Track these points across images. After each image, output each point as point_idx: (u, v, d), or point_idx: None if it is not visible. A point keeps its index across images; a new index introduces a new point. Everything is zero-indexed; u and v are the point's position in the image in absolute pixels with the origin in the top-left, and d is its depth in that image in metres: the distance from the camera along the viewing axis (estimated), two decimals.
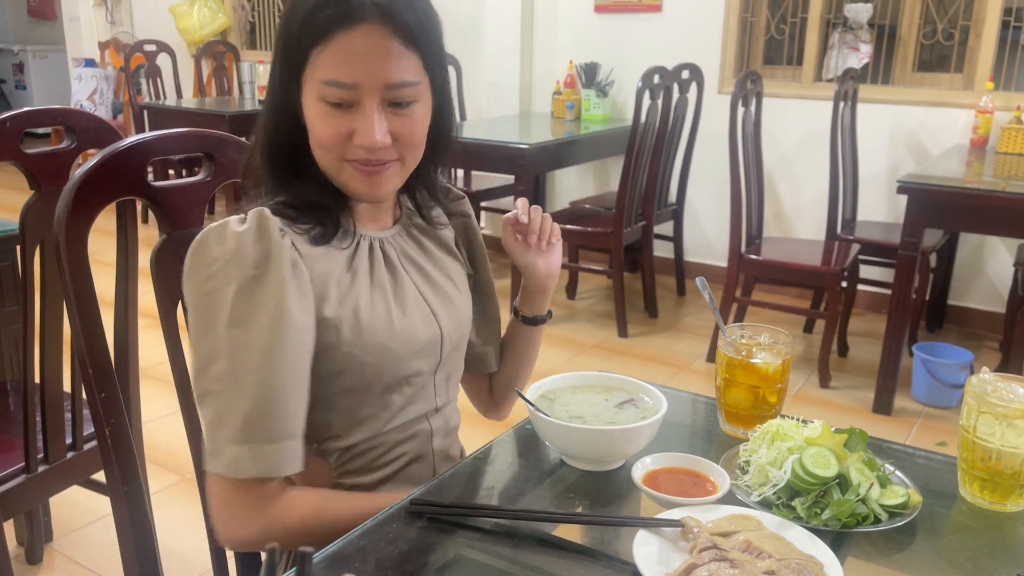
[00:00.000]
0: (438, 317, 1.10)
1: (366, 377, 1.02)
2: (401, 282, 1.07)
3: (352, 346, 1.00)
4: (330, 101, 0.95)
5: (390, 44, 0.94)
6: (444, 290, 1.13)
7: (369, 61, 0.93)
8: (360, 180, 1.00)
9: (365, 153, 0.97)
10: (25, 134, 1.50)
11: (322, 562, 0.85)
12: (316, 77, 0.94)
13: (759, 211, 3.47)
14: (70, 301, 0.98)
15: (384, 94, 0.95)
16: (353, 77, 0.93)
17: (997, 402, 0.96)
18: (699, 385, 3.17)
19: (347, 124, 0.96)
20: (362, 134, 0.95)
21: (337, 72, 0.93)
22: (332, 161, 0.99)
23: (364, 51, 0.93)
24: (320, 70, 0.94)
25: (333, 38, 0.92)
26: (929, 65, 3.99)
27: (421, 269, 1.11)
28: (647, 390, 1.11)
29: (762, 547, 0.81)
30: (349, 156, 0.98)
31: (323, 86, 0.94)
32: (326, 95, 0.94)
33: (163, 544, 1.12)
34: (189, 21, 6.17)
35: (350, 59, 0.93)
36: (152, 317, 1.12)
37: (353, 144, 0.97)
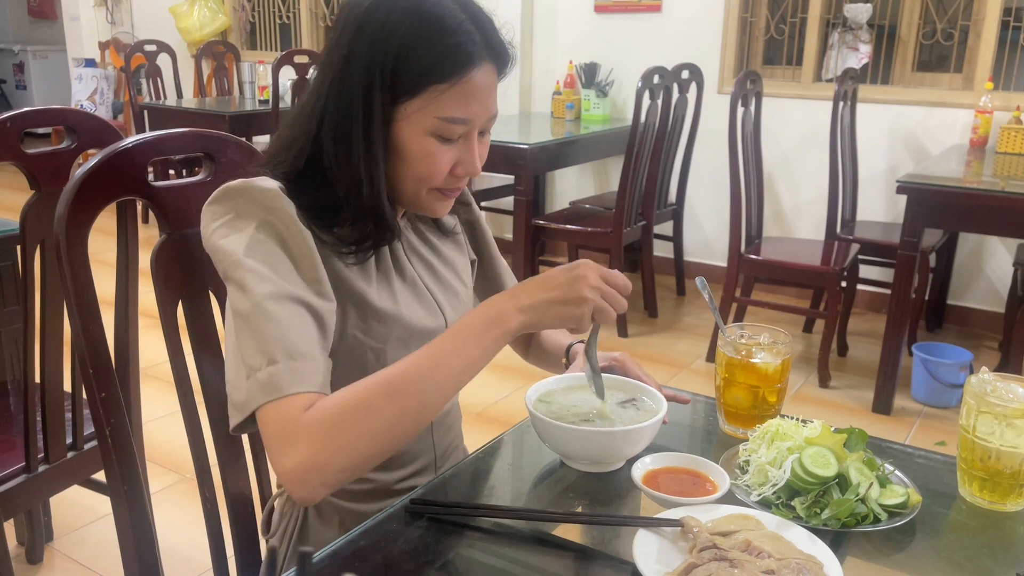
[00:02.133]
0: (442, 307, 1.11)
1: (368, 362, 1.03)
2: (406, 273, 1.09)
3: (356, 329, 1.01)
4: (444, 136, 0.98)
5: (495, 80, 1.00)
6: (448, 281, 1.15)
7: (485, 99, 0.98)
8: (439, 203, 1.04)
9: (458, 182, 1.02)
10: (25, 134, 1.50)
11: (322, 562, 0.85)
12: (434, 113, 0.96)
13: (759, 211, 3.47)
14: (70, 301, 0.98)
15: (482, 125, 1.01)
16: (473, 114, 0.98)
17: (996, 402, 0.96)
18: (699, 385, 3.17)
19: (452, 155, 1.00)
20: (466, 164, 1.00)
21: (459, 110, 0.96)
22: (418, 188, 1.01)
23: (481, 90, 0.97)
24: (441, 107, 0.96)
25: (458, 80, 0.95)
26: (929, 65, 4.00)
27: (426, 261, 1.13)
28: (647, 391, 1.11)
29: (762, 547, 0.81)
30: (439, 185, 1.01)
31: (442, 122, 0.96)
32: (442, 130, 0.97)
33: (163, 544, 1.13)
34: (189, 21, 6.17)
35: (472, 98, 0.97)
36: (152, 317, 1.12)
37: (452, 174, 1.00)
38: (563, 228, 3.70)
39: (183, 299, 1.09)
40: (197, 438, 1.10)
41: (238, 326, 0.90)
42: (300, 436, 0.83)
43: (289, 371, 0.86)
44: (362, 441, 0.84)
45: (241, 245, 0.92)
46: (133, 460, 1.04)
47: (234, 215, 0.94)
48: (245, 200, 0.94)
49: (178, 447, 2.48)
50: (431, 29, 0.94)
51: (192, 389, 1.09)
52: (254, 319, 0.88)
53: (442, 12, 0.95)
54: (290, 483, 0.84)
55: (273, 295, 0.89)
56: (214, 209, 0.95)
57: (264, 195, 0.94)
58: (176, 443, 2.57)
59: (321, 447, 0.83)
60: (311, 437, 0.83)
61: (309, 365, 0.87)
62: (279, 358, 0.86)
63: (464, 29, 0.95)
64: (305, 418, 0.84)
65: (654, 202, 3.85)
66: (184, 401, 1.10)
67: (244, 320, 0.89)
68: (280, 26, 6.17)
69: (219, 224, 0.94)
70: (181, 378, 1.09)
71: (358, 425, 0.84)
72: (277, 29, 6.19)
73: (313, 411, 0.85)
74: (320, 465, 0.83)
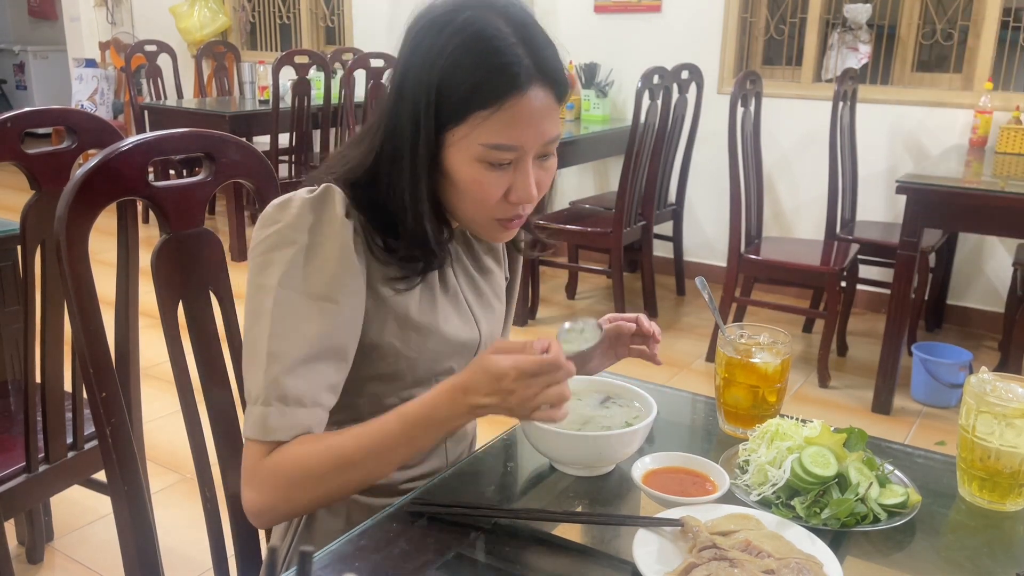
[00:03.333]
0: (479, 322, 1.12)
1: (400, 368, 1.04)
2: (449, 286, 1.09)
3: (394, 337, 1.02)
4: (492, 162, 0.95)
5: (550, 104, 0.95)
6: (487, 296, 1.15)
7: (535, 124, 0.94)
8: (499, 231, 1.02)
9: (515, 210, 0.99)
10: (26, 134, 1.50)
11: (322, 562, 0.85)
12: (478, 140, 0.93)
13: (758, 211, 3.47)
14: (71, 301, 0.98)
15: (539, 150, 0.97)
16: (521, 141, 0.94)
17: (996, 402, 0.96)
18: (699, 385, 3.17)
19: (504, 182, 0.96)
20: (519, 191, 0.96)
21: (504, 137, 0.93)
22: (476, 215, 1.00)
23: (530, 115, 0.93)
24: (485, 134, 0.93)
25: (502, 105, 0.91)
26: (928, 65, 4.00)
27: (469, 273, 1.13)
28: (637, 394, 1.11)
29: (761, 546, 0.81)
30: (498, 215, 0.99)
31: (487, 149, 0.93)
32: (489, 157, 0.94)
33: (163, 544, 1.12)
34: (190, 21, 6.17)
35: (518, 124, 0.93)
36: (152, 317, 1.12)
37: (506, 201, 0.98)
38: (563, 228, 3.70)
39: (183, 299, 1.09)
40: (197, 438, 1.10)
41: (247, 349, 0.95)
42: (256, 481, 0.93)
43: (279, 415, 0.92)
44: (307, 499, 0.94)
45: (275, 274, 0.94)
46: (133, 460, 1.04)
47: (277, 237, 0.95)
48: (293, 219, 0.95)
49: (178, 447, 2.48)
50: (476, 52, 0.91)
51: (192, 389, 1.09)
52: (262, 347, 0.93)
53: (490, 33, 0.92)
54: (247, 514, 0.96)
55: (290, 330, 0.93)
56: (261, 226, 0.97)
57: (316, 215, 0.95)
58: (176, 443, 2.57)
59: (269, 497, 0.93)
60: (264, 486, 0.93)
61: (300, 413, 0.93)
62: (272, 400, 0.92)
63: (511, 51, 0.91)
64: (263, 467, 0.93)
65: (654, 202, 3.85)
66: (184, 401, 1.10)
67: (253, 347, 0.94)
68: (280, 26, 6.17)
69: (261, 241, 0.96)
70: (181, 378, 1.09)
71: (306, 488, 0.93)
72: (277, 29, 6.19)
73: (271, 462, 0.92)
74: (268, 510, 0.94)
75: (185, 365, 1.09)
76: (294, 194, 0.97)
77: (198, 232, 1.09)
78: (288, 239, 0.95)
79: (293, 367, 0.93)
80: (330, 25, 5.90)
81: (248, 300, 0.97)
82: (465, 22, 0.92)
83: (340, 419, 1.04)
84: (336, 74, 4.86)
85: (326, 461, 0.92)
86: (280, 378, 0.92)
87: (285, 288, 0.94)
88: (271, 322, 0.93)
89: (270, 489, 0.92)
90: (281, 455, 0.92)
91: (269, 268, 0.94)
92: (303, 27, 5.96)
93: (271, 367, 0.92)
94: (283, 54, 4.44)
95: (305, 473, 0.92)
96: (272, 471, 0.92)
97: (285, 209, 0.96)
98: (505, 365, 0.87)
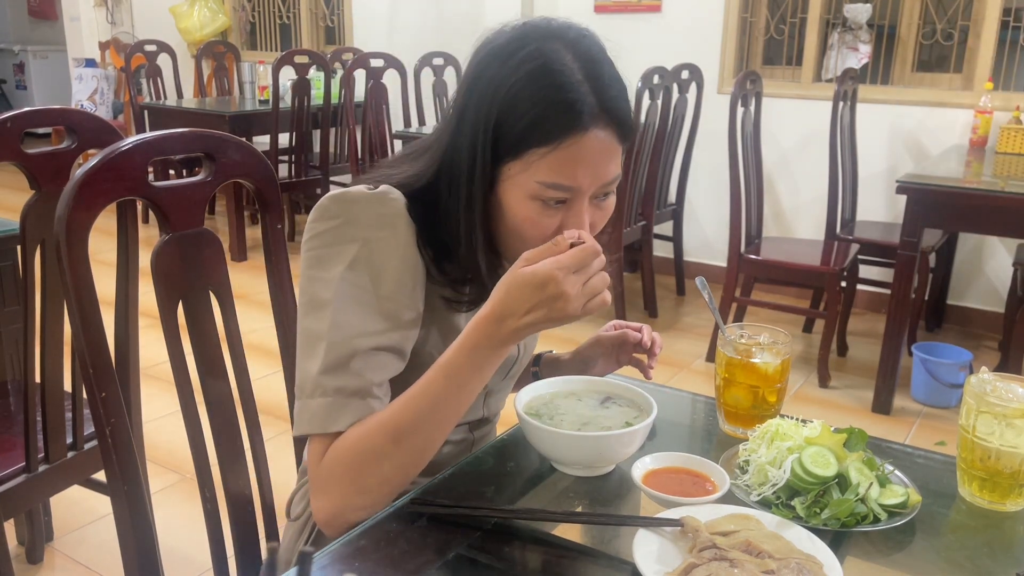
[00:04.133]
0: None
1: None
2: None
3: (435, 348, 1.01)
4: (545, 200, 0.92)
5: (611, 145, 0.92)
6: None
7: (594, 165, 0.91)
8: None
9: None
10: (25, 134, 1.50)
11: (322, 562, 0.85)
12: (535, 177, 0.90)
13: (758, 211, 3.47)
14: (70, 301, 0.98)
15: (597, 191, 0.94)
16: (577, 182, 0.91)
17: (996, 402, 0.96)
18: (698, 385, 3.17)
19: (557, 221, 0.93)
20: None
21: (562, 177, 0.90)
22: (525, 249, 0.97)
23: (590, 156, 0.90)
24: (542, 172, 0.90)
25: (562, 144, 0.88)
26: (928, 65, 4.00)
27: None
28: (637, 394, 1.11)
29: (761, 547, 0.81)
30: None
31: (543, 187, 0.90)
32: (544, 195, 0.91)
33: (163, 544, 1.13)
34: (189, 21, 6.17)
35: (577, 165, 0.90)
36: (152, 317, 1.12)
37: None
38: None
39: (183, 299, 1.09)
40: (197, 438, 1.10)
41: (301, 339, 0.94)
42: (322, 481, 0.91)
43: (340, 406, 0.90)
44: (376, 482, 0.90)
45: (337, 267, 0.92)
46: (133, 460, 1.04)
47: (338, 232, 0.93)
48: (356, 214, 0.93)
49: (178, 447, 2.48)
50: (537, 86, 0.88)
51: (192, 389, 1.09)
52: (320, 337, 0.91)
53: (555, 68, 0.89)
54: (320, 526, 0.93)
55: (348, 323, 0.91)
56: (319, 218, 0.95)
57: (379, 213, 0.93)
58: (176, 443, 2.57)
59: (339, 492, 0.90)
60: (330, 483, 0.90)
61: (358, 404, 0.91)
62: (331, 392, 0.90)
63: (576, 89, 0.88)
64: (324, 465, 0.90)
65: (654, 202, 3.85)
66: (184, 401, 1.10)
67: (308, 337, 0.93)
68: (280, 26, 6.17)
69: (320, 235, 0.94)
70: (181, 378, 1.09)
71: (370, 470, 0.90)
72: (277, 29, 6.19)
73: (330, 456, 0.90)
74: (338, 512, 0.91)
75: (185, 365, 1.09)
76: (353, 188, 0.95)
77: (198, 232, 1.09)
78: (349, 235, 0.93)
79: (353, 358, 0.91)
80: (330, 25, 5.90)
81: (302, 292, 0.95)
82: (530, 55, 0.90)
83: None
84: (336, 74, 4.86)
85: (382, 435, 0.89)
86: (337, 368, 0.90)
87: (347, 282, 0.92)
88: (332, 313, 0.91)
89: (334, 485, 0.90)
90: (337, 446, 0.90)
91: (329, 262, 0.93)
92: (303, 27, 5.96)
93: (329, 355, 0.91)
94: (283, 54, 4.44)
95: (365, 454, 0.89)
96: (332, 464, 0.90)
97: (346, 204, 0.94)
98: (546, 271, 0.84)
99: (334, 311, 0.91)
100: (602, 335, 1.23)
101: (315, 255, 0.95)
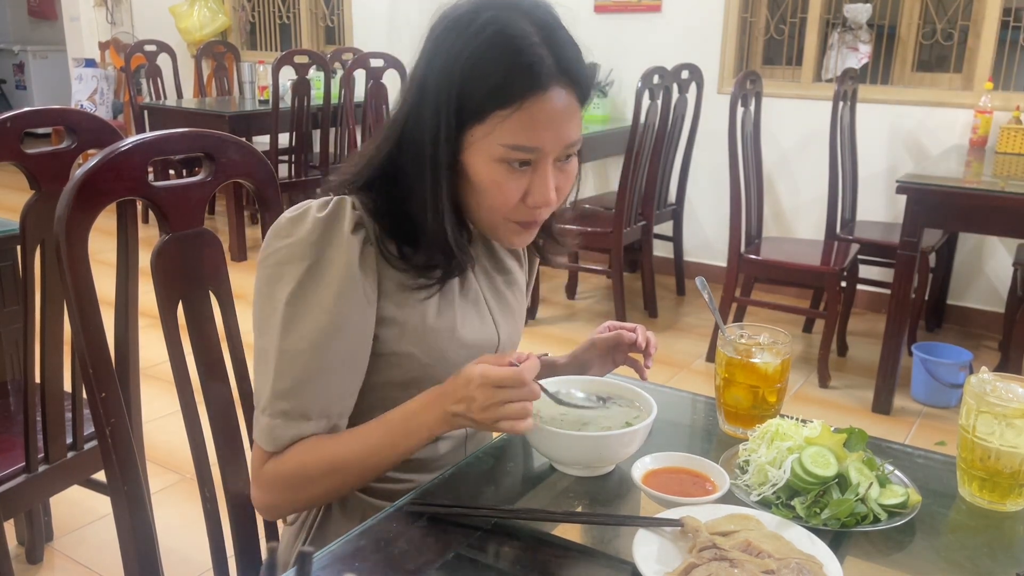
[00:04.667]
0: (498, 325, 1.12)
1: (419, 375, 1.04)
2: (469, 289, 1.09)
3: (412, 346, 1.02)
4: (511, 163, 0.94)
5: (571, 105, 0.95)
6: (507, 299, 1.15)
7: (556, 125, 0.93)
8: (516, 234, 1.02)
9: (533, 213, 0.98)
10: (25, 134, 1.50)
11: (322, 562, 0.85)
12: (499, 140, 0.93)
13: (758, 211, 3.47)
14: (70, 301, 0.98)
15: (559, 153, 0.96)
16: (541, 142, 0.93)
17: (996, 402, 0.96)
18: (699, 385, 3.17)
19: (523, 185, 0.96)
20: (537, 194, 0.96)
21: (525, 138, 0.93)
22: (493, 217, 1.00)
23: (551, 116, 0.93)
24: (506, 134, 0.92)
25: (523, 104, 0.91)
26: (928, 65, 4.00)
27: (490, 275, 1.13)
28: (637, 394, 1.11)
29: (761, 547, 0.81)
30: (515, 218, 0.99)
31: (507, 150, 0.93)
32: (509, 158, 0.94)
33: (163, 544, 1.13)
34: (189, 21, 6.17)
35: (539, 125, 0.92)
36: (152, 317, 1.12)
37: (524, 204, 0.97)
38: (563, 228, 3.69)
39: (183, 299, 1.09)
40: (197, 438, 1.10)
41: (256, 357, 0.99)
42: (260, 482, 1.00)
43: (284, 428, 0.97)
44: (304, 498, 1.00)
45: (286, 287, 0.95)
46: (133, 460, 1.04)
47: (288, 251, 0.96)
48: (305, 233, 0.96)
49: (178, 447, 2.48)
50: (498, 51, 0.91)
51: (192, 389, 1.09)
52: (270, 360, 0.96)
53: (513, 32, 0.91)
54: (256, 508, 1.04)
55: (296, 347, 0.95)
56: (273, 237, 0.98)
57: (327, 229, 0.96)
58: (176, 443, 2.56)
59: (273, 497, 1.00)
60: (267, 488, 0.99)
61: (304, 425, 0.97)
62: (277, 414, 0.96)
63: (534, 51, 0.91)
64: (265, 471, 0.99)
65: (654, 202, 3.85)
66: (184, 401, 1.10)
67: (261, 357, 0.98)
68: (280, 26, 6.17)
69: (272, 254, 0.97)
70: (181, 378, 1.09)
71: (303, 489, 0.98)
72: (277, 29, 6.19)
73: (272, 466, 0.98)
74: (273, 507, 1.02)
75: (185, 365, 1.09)
76: (308, 207, 0.98)
77: (198, 232, 1.09)
78: (298, 255, 0.96)
79: (300, 383, 0.96)
80: (330, 25, 5.90)
81: (257, 308, 0.98)
82: (488, 21, 0.92)
83: (359, 423, 1.04)
84: (336, 74, 4.86)
85: (320, 465, 0.97)
86: (286, 393, 0.96)
87: (292, 305, 0.95)
88: (279, 337, 0.95)
89: (272, 490, 0.99)
90: (280, 460, 0.98)
91: (279, 282, 0.96)
92: (303, 27, 5.96)
93: (278, 382, 0.96)
94: (283, 54, 4.44)
95: (301, 477, 0.98)
96: (273, 475, 0.98)
97: (298, 224, 0.97)
98: (473, 372, 0.91)
99: (280, 335, 0.95)
100: (596, 337, 1.24)
101: (267, 274, 0.98)
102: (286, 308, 0.95)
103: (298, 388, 0.96)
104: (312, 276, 0.96)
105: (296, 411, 0.96)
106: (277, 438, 0.97)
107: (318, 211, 0.97)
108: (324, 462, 0.97)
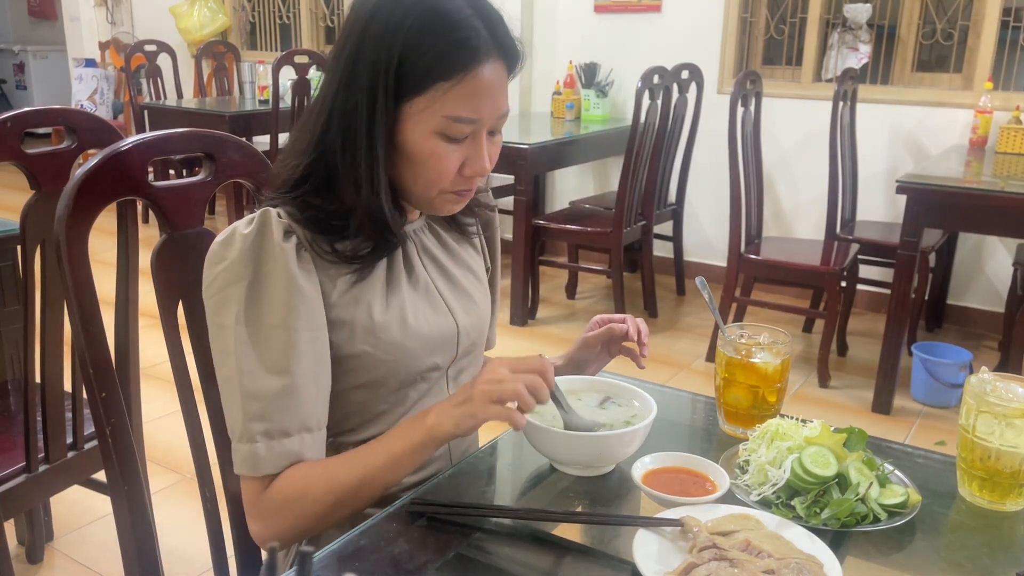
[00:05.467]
0: (454, 312, 1.10)
1: (381, 374, 1.03)
2: (418, 280, 1.08)
3: (365, 344, 1.01)
4: (451, 135, 0.96)
5: (503, 77, 0.98)
6: (462, 285, 1.14)
7: (492, 96, 0.96)
8: (452, 203, 1.03)
9: (469, 182, 1.00)
10: (25, 134, 1.50)
11: (322, 562, 0.85)
12: (441, 111, 0.94)
13: (758, 211, 3.47)
14: (70, 301, 0.98)
15: (492, 124, 0.99)
16: (480, 113, 0.96)
17: (996, 402, 0.96)
18: (699, 385, 3.17)
19: (460, 156, 0.98)
20: (475, 164, 0.98)
21: (465, 109, 0.94)
22: (429, 190, 1.00)
23: (489, 87, 0.95)
24: (448, 106, 0.94)
25: (464, 77, 0.93)
26: (928, 65, 4.00)
27: (439, 264, 1.12)
28: (637, 393, 1.11)
29: (761, 546, 0.81)
30: (450, 187, 1.00)
31: (448, 121, 0.94)
32: (449, 130, 0.95)
33: (163, 543, 1.13)
34: (189, 21, 6.17)
35: (478, 96, 0.95)
36: (152, 317, 1.12)
37: (460, 175, 0.99)
38: (563, 228, 3.70)
39: (183, 299, 1.09)
40: (197, 438, 1.11)
41: (222, 387, 0.97)
42: (259, 514, 0.97)
43: (267, 449, 0.95)
44: (310, 523, 0.97)
45: (231, 311, 0.94)
46: (133, 460, 1.04)
47: (226, 275, 0.95)
48: (237, 253, 0.95)
49: (178, 447, 2.48)
50: (436, 25, 0.93)
51: (192, 389, 1.09)
52: (235, 386, 0.95)
53: (448, 7, 0.93)
54: (257, 543, 1.00)
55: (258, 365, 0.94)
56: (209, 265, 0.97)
57: (257, 244, 0.95)
58: (176, 443, 2.57)
59: (276, 528, 0.97)
60: (268, 519, 0.96)
61: (287, 442, 0.95)
62: (257, 437, 0.94)
63: (470, 24, 0.93)
64: (263, 501, 0.96)
65: (654, 202, 3.85)
66: (184, 401, 1.10)
67: (227, 385, 0.96)
68: (280, 26, 6.17)
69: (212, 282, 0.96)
70: (181, 378, 1.09)
71: (308, 514, 0.96)
72: (277, 29, 6.19)
73: (271, 494, 0.95)
74: (272, 537, 0.97)
75: (185, 365, 1.09)
76: (235, 228, 0.97)
77: (198, 232, 1.09)
78: (235, 276, 0.95)
79: (271, 401, 0.94)
80: (330, 25, 5.90)
81: (212, 340, 0.97)
82: None
83: (333, 432, 1.05)
84: None
85: (320, 486, 0.95)
86: (260, 415, 0.94)
87: (242, 324, 0.94)
88: (238, 360, 0.94)
89: (274, 520, 0.96)
90: (279, 486, 0.95)
91: (225, 307, 0.95)
92: (303, 27, 5.96)
93: (248, 405, 0.94)
94: (283, 54, 4.44)
95: (303, 500, 0.95)
96: (273, 503, 0.96)
97: (228, 246, 0.96)
98: (499, 363, 0.93)
99: (238, 358, 0.94)
100: (588, 336, 1.23)
101: (212, 304, 0.97)
102: (238, 329, 0.94)
103: (270, 406, 0.94)
104: (255, 292, 0.95)
105: (275, 430, 0.94)
106: (263, 459, 0.94)
107: (244, 228, 0.96)
108: (327, 485, 0.95)
